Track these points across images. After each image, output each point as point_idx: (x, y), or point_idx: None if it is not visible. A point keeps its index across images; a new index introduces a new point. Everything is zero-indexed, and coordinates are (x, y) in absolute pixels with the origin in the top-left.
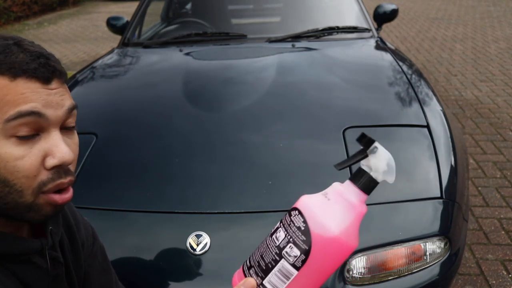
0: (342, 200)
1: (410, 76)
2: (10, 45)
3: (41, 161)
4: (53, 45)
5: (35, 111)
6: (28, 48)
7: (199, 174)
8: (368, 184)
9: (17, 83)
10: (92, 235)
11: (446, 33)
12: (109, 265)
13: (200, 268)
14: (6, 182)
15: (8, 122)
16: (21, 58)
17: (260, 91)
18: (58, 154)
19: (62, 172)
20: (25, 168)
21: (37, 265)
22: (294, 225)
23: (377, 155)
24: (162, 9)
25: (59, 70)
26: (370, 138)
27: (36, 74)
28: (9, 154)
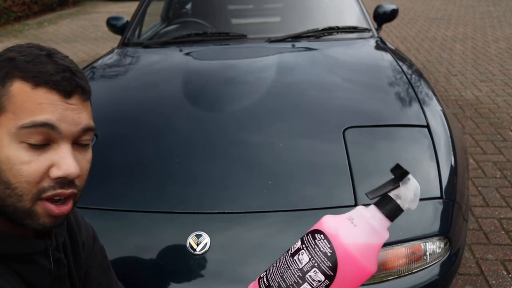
0: (367, 226)
1: (410, 76)
2: (41, 55)
3: (46, 169)
4: (53, 45)
5: (48, 123)
6: (57, 60)
7: (199, 174)
8: (393, 212)
9: (38, 92)
10: (93, 236)
11: (446, 33)
12: (109, 265)
13: (200, 268)
14: (8, 184)
15: (21, 129)
16: (48, 69)
17: (260, 91)
18: (64, 166)
19: (65, 183)
20: (29, 173)
21: (41, 266)
22: (320, 249)
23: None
24: (162, 9)
25: (82, 87)
26: (405, 170)
27: (58, 86)
28: (17, 157)
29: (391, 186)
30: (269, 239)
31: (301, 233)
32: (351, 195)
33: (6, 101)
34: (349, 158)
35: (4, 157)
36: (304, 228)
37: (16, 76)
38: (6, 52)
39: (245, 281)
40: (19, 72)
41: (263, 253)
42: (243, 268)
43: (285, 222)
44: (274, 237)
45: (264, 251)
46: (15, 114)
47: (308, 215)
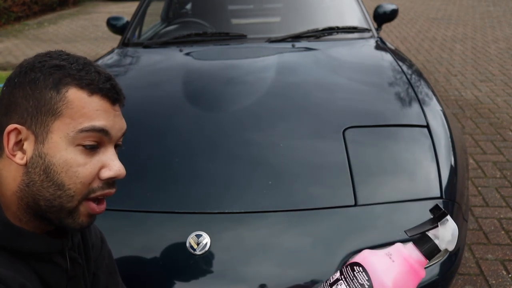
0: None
1: (410, 76)
2: (87, 64)
3: (98, 171)
4: (53, 45)
5: (104, 129)
6: (99, 69)
7: (199, 174)
8: (431, 251)
9: (93, 99)
10: (101, 238)
11: (446, 33)
12: (115, 268)
13: (200, 268)
14: (61, 185)
15: (81, 132)
16: (98, 77)
17: (260, 91)
18: (115, 168)
19: (111, 184)
20: (85, 175)
21: (57, 265)
22: (358, 281)
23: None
24: (162, 9)
25: (123, 95)
26: (444, 211)
27: (108, 94)
28: (74, 160)
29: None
30: (269, 239)
31: (300, 233)
32: (351, 195)
33: (62, 106)
34: (349, 158)
35: (61, 160)
36: (304, 228)
37: (71, 83)
38: (48, 59)
39: (245, 281)
40: (74, 80)
41: (263, 253)
42: (243, 268)
43: (285, 222)
44: (274, 237)
45: (264, 251)
46: (73, 119)
47: (308, 215)
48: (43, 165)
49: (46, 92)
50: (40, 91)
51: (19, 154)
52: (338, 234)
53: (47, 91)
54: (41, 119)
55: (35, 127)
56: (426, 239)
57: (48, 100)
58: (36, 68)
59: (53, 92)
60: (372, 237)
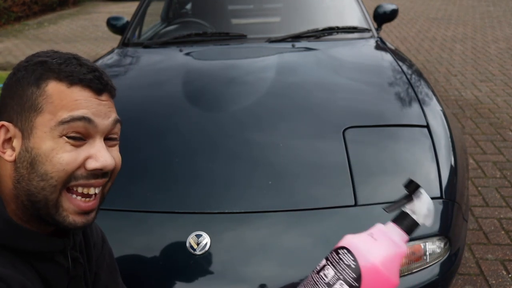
0: (388, 240)
1: (410, 76)
2: (70, 58)
3: (83, 160)
4: (53, 45)
5: (86, 117)
6: (86, 63)
7: (199, 174)
8: (410, 227)
9: (73, 90)
10: (102, 237)
11: (446, 33)
12: (116, 268)
13: (200, 268)
14: (44, 175)
15: (61, 124)
16: (79, 69)
17: (260, 91)
18: (101, 158)
19: (99, 175)
20: (69, 161)
21: (59, 264)
22: (344, 263)
23: (421, 199)
24: (162, 9)
25: (110, 85)
26: (417, 184)
27: (91, 84)
28: (60, 147)
29: (405, 200)
30: (269, 239)
31: (300, 233)
32: (351, 195)
33: (43, 101)
34: (349, 158)
35: (47, 150)
36: (303, 228)
37: (51, 77)
38: (34, 58)
39: (245, 281)
40: (53, 73)
41: (262, 253)
42: (242, 268)
43: (285, 222)
44: (273, 237)
45: (264, 251)
46: (52, 114)
47: (308, 215)
48: (29, 158)
49: (28, 88)
50: (23, 88)
51: (9, 151)
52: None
53: (29, 87)
54: (25, 116)
55: (21, 124)
56: (404, 215)
57: (29, 96)
58: (22, 67)
59: (34, 87)
60: None
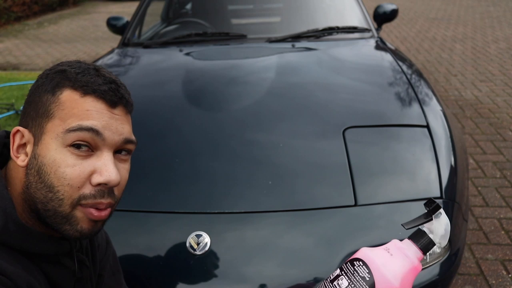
0: (403, 257)
1: (410, 76)
2: (90, 68)
3: (88, 175)
4: (53, 45)
5: (94, 129)
6: (104, 74)
7: (199, 174)
8: (427, 245)
9: (86, 99)
10: (106, 239)
11: (446, 33)
12: (119, 269)
13: (200, 268)
14: (51, 187)
15: (68, 132)
16: (95, 79)
17: (261, 91)
18: (106, 173)
19: (105, 192)
20: (72, 177)
21: (65, 266)
22: (359, 274)
23: (440, 220)
24: (162, 9)
25: (126, 99)
26: (438, 204)
27: (104, 96)
28: (62, 160)
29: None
30: (269, 239)
31: (300, 233)
32: (351, 195)
33: (55, 108)
34: (349, 158)
35: (50, 160)
36: (303, 228)
37: (66, 86)
38: (57, 66)
39: (245, 281)
40: (69, 82)
41: (263, 253)
42: (243, 268)
43: (285, 222)
44: (273, 237)
45: (264, 251)
46: (62, 120)
47: (308, 215)
48: (36, 166)
49: (44, 95)
50: (40, 95)
51: (22, 156)
52: (338, 234)
53: (45, 94)
54: (38, 121)
55: (34, 129)
56: (421, 233)
57: (44, 102)
58: (44, 75)
59: (49, 94)
60: (372, 237)
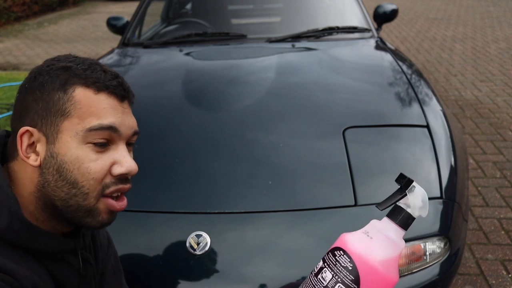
0: (383, 237)
1: (410, 76)
2: (93, 64)
3: (109, 167)
4: (54, 45)
5: (113, 126)
6: (106, 68)
7: (199, 174)
8: (406, 221)
9: (100, 97)
10: (107, 239)
11: (446, 33)
12: (120, 269)
13: (200, 268)
14: (75, 183)
15: (89, 131)
16: (104, 75)
17: (261, 91)
18: (126, 164)
19: (124, 179)
20: (96, 170)
21: (69, 264)
22: (341, 265)
23: (414, 193)
24: (162, 9)
25: (130, 91)
26: (409, 178)
27: (116, 91)
28: (85, 156)
29: (399, 196)
30: (269, 239)
31: (300, 233)
32: (351, 195)
33: (71, 106)
34: (349, 158)
35: (72, 157)
36: (303, 228)
37: (77, 83)
38: (55, 62)
39: (244, 281)
40: (80, 79)
41: (262, 253)
42: (242, 268)
43: (285, 222)
44: (273, 237)
45: (264, 251)
46: (81, 119)
47: (308, 215)
48: (55, 165)
49: (54, 94)
50: (48, 93)
51: (33, 156)
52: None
53: (55, 92)
54: (51, 120)
55: (46, 128)
56: (399, 209)
57: (56, 101)
58: (44, 71)
59: (61, 92)
60: None
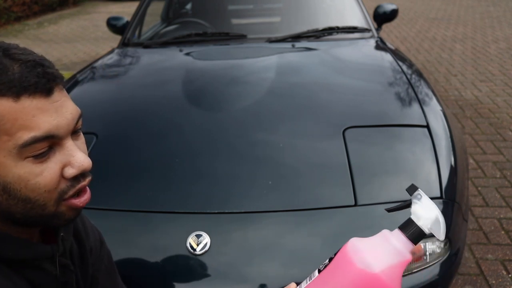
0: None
1: (410, 76)
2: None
3: (60, 172)
4: (53, 45)
5: (50, 134)
6: (20, 57)
7: (199, 174)
8: (416, 235)
9: (23, 103)
10: (99, 240)
11: (446, 33)
12: (114, 269)
13: (200, 268)
14: (28, 200)
15: (23, 147)
16: (18, 72)
17: (260, 91)
18: (76, 163)
19: (80, 177)
20: (46, 183)
21: (46, 272)
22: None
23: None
24: (162, 9)
25: (56, 76)
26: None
27: (38, 88)
28: (29, 173)
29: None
30: (269, 239)
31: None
32: (351, 195)
33: None
34: (349, 158)
35: (14, 177)
36: (303, 228)
37: None
38: None
39: (244, 281)
40: None
41: (262, 253)
42: (242, 268)
43: (285, 222)
44: (273, 237)
45: (264, 251)
46: (9, 135)
47: (308, 215)
48: (0, 186)
49: None
50: None
51: None
52: (338, 234)
53: None
54: None
55: None
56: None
57: None
58: None
59: None
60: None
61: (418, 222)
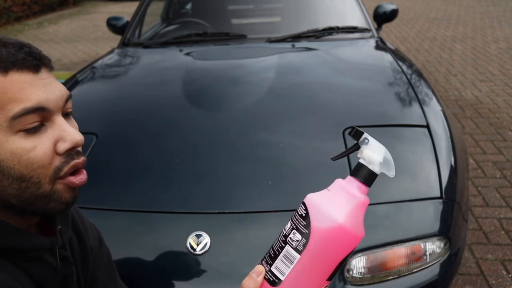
0: (342, 192)
1: (410, 76)
2: None
3: (53, 148)
4: (53, 45)
5: (40, 106)
6: (7, 41)
7: (199, 174)
8: (367, 177)
9: (11, 77)
10: (98, 238)
11: (446, 33)
12: (114, 268)
13: (200, 268)
14: (22, 177)
15: (14, 119)
16: (5, 51)
17: (260, 91)
18: (69, 137)
19: (74, 154)
20: (39, 158)
21: (47, 263)
22: (298, 214)
23: (370, 146)
24: (162, 9)
25: (43, 56)
26: (360, 130)
27: (26, 64)
28: (21, 148)
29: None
30: (269, 239)
31: None
32: None
33: None
34: (349, 158)
35: (7, 153)
36: None
37: None
38: None
39: None
40: None
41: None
42: (242, 268)
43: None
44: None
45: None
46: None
47: None
48: None
49: None
50: None
51: None
52: None
53: None
54: None
55: None
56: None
57: None
58: None
59: None
60: (372, 236)
61: (368, 165)
